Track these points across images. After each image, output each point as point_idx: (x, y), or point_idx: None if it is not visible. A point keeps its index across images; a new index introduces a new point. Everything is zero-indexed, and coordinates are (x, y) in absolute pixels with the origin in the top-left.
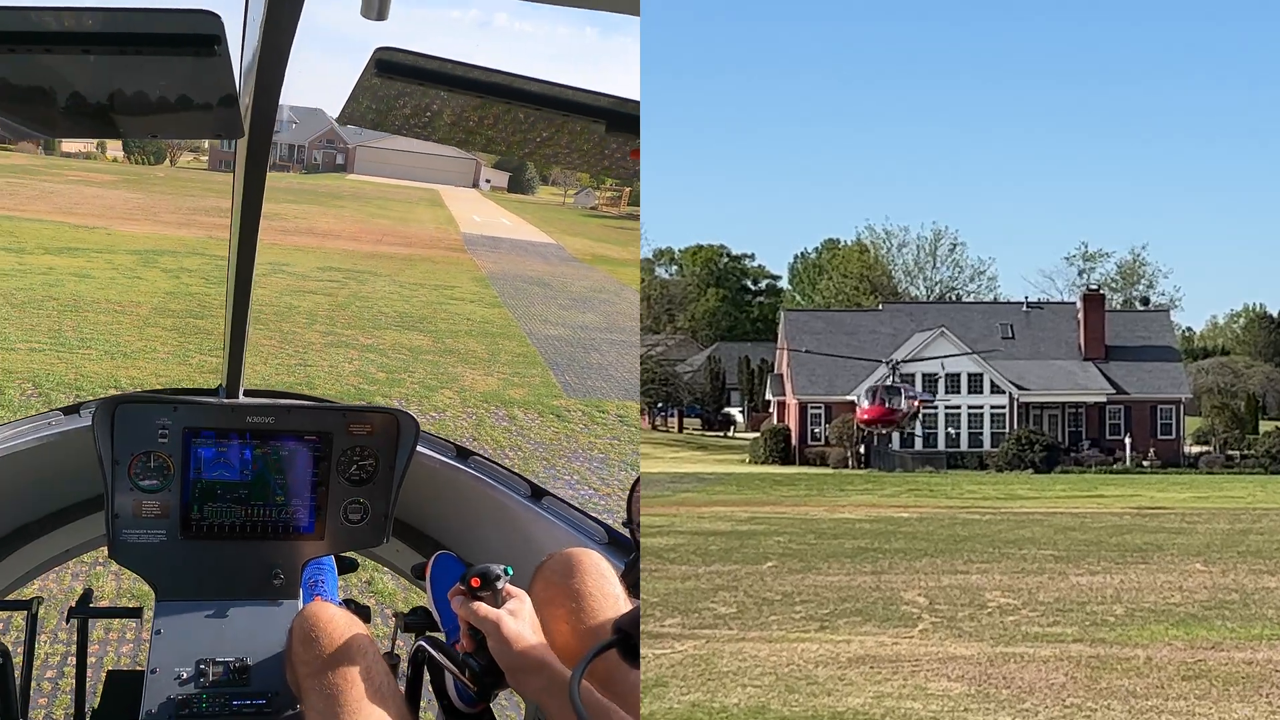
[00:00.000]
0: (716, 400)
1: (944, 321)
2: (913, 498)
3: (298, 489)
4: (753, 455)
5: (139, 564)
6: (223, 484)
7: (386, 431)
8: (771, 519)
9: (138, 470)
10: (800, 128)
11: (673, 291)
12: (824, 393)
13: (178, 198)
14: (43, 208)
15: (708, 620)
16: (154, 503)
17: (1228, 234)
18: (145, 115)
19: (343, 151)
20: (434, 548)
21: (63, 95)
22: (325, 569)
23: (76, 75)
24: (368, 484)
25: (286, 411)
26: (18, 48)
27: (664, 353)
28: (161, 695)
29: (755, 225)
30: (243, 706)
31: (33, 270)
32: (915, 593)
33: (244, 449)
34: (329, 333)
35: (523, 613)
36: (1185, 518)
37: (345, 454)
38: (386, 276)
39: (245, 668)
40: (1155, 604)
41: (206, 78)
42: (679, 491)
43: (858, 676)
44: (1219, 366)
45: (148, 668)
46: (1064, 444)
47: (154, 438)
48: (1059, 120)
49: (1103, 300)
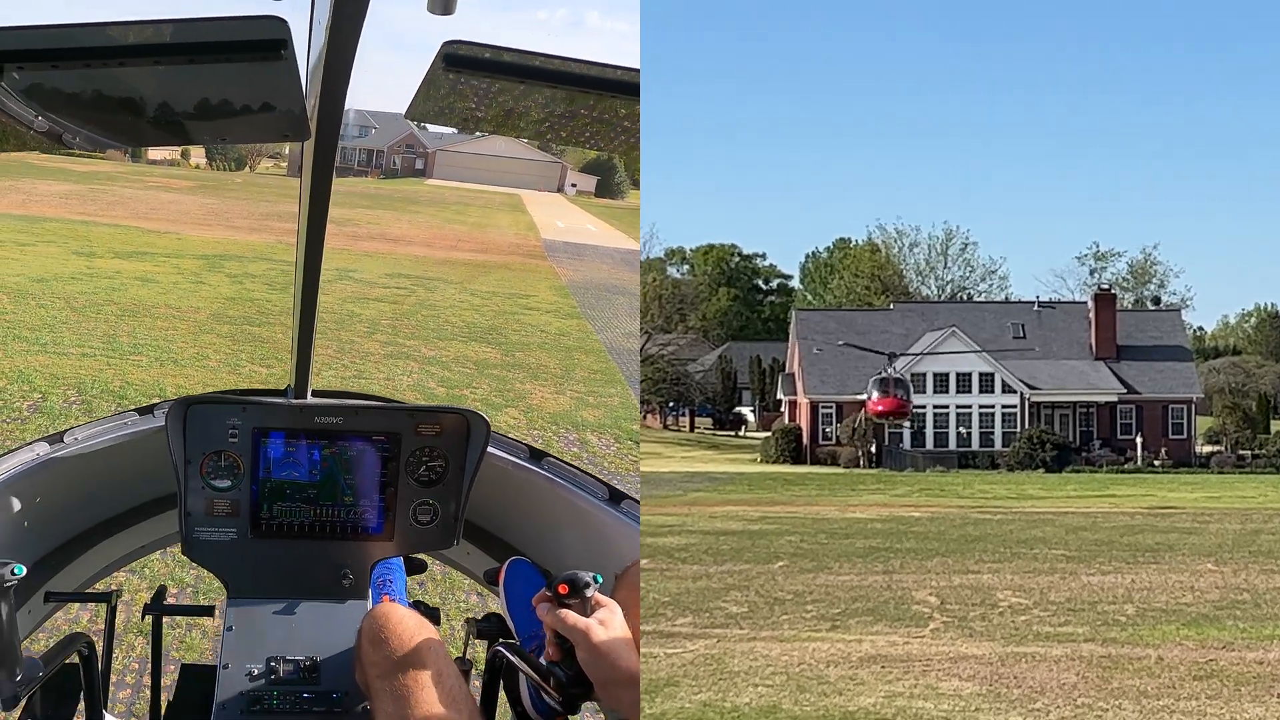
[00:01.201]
0: (728, 400)
1: (955, 321)
2: (924, 497)
3: (366, 489)
4: (764, 454)
5: (211, 561)
6: (291, 484)
7: (456, 432)
8: (783, 518)
9: (209, 469)
10: (812, 129)
11: (684, 291)
12: (835, 392)
13: (252, 203)
14: (120, 213)
15: (719, 620)
16: (225, 501)
17: (1239, 234)
18: (214, 120)
19: (422, 156)
20: (507, 552)
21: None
22: (394, 570)
23: (148, 85)
24: (437, 485)
25: (354, 412)
26: (94, 63)
27: (675, 352)
28: (233, 690)
29: (767, 224)
30: (312, 704)
31: (99, 274)
32: (926, 592)
33: (312, 449)
34: (390, 343)
35: (614, 623)
36: (1197, 517)
37: (414, 455)
38: (457, 284)
39: (315, 666)
40: (1166, 604)
41: (273, 81)
42: (690, 491)
43: (869, 676)
44: (1230, 366)
45: (219, 662)
46: (1075, 444)
47: (224, 437)
48: (1070, 122)
49: (1114, 300)
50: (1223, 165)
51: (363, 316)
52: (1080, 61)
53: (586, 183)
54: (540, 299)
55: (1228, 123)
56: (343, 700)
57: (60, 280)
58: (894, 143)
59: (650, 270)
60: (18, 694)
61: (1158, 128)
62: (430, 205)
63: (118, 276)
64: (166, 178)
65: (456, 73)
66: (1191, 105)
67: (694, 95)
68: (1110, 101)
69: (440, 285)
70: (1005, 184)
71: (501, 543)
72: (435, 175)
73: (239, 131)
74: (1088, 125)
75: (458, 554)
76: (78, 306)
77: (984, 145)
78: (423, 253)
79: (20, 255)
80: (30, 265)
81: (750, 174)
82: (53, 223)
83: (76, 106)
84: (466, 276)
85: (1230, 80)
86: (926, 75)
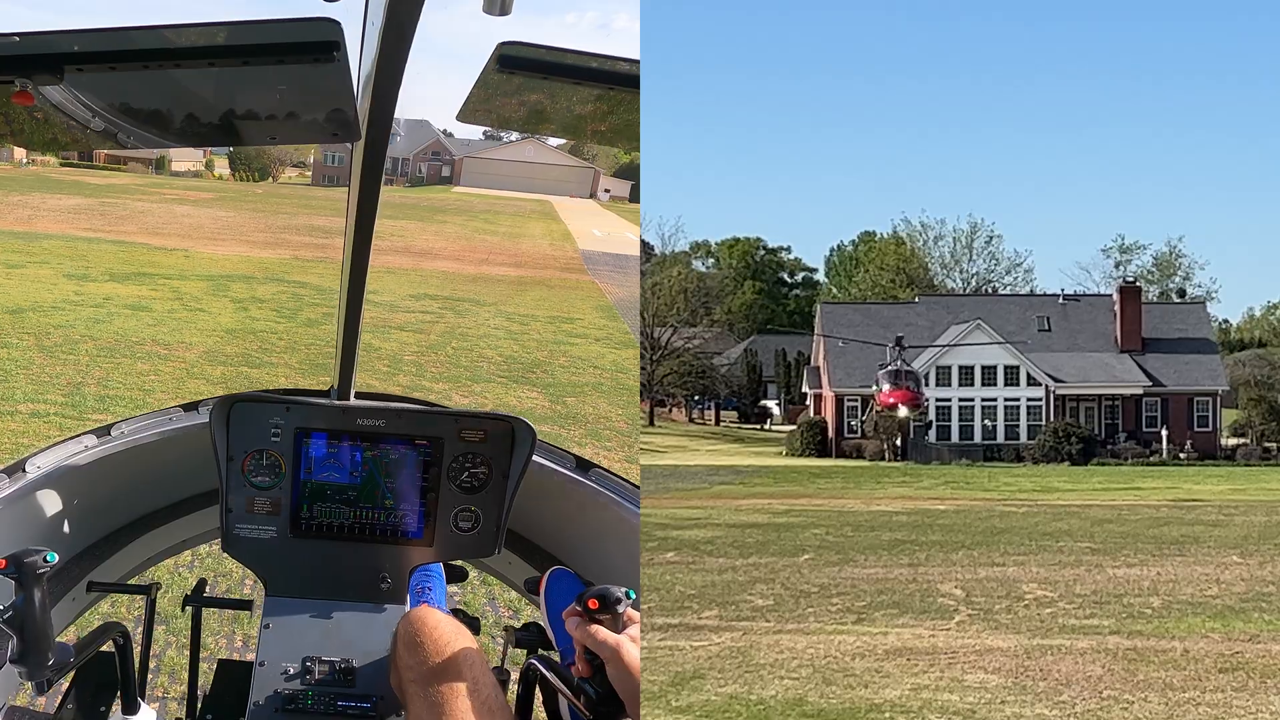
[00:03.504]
0: (753, 393)
1: (980, 314)
2: (949, 490)
3: (406, 494)
4: (789, 448)
5: (250, 558)
6: (332, 485)
7: (501, 438)
8: (808, 511)
9: (251, 467)
10: (838, 122)
11: (709, 284)
12: (860, 385)
13: (271, 215)
14: (129, 229)
15: (745, 613)
16: (265, 500)
17: (1264, 226)
18: (266, 121)
19: (449, 163)
20: (548, 561)
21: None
22: (434, 577)
23: (202, 87)
24: (479, 492)
25: (397, 415)
26: (150, 64)
27: (701, 345)
28: (269, 688)
29: (792, 218)
30: (348, 708)
31: (87, 302)
32: (952, 585)
33: (354, 451)
34: (414, 387)
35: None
36: (1222, 510)
37: (456, 460)
38: (492, 306)
39: (350, 669)
40: (1192, 596)
41: (325, 82)
42: (716, 484)
43: (894, 669)
44: (1256, 359)
45: (256, 659)
46: (1100, 436)
47: (267, 436)
48: (1095, 114)
49: (1139, 292)
50: (1249, 157)
51: (382, 351)
52: (1105, 52)
53: (620, 188)
54: (587, 322)
55: (1254, 115)
56: (378, 705)
57: (39, 311)
58: (919, 136)
59: (675, 264)
60: (50, 679)
61: (1183, 119)
62: (458, 214)
63: (106, 304)
64: (185, 190)
65: (510, 73)
66: (1218, 97)
67: (716, 86)
68: (1136, 92)
69: (472, 308)
70: (1030, 177)
71: (543, 552)
72: (463, 182)
73: (290, 132)
74: (1113, 117)
75: (498, 562)
76: (49, 345)
77: (1009, 138)
78: (452, 268)
79: (5, 279)
80: (12, 293)
81: (775, 167)
82: (53, 240)
83: (132, 107)
84: (501, 296)
85: (1258, 72)
86: (951, 67)
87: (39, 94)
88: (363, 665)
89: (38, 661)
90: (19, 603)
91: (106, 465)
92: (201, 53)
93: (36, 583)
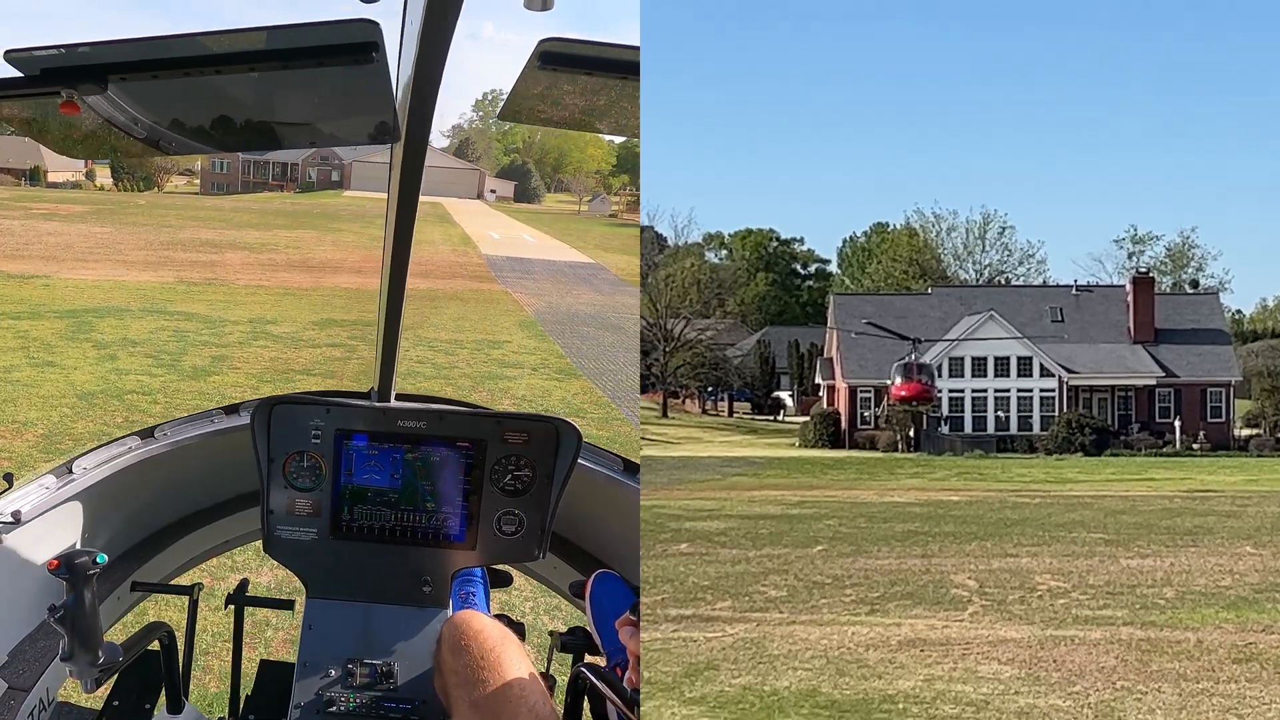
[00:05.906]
0: (766, 384)
1: (993, 305)
2: (962, 481)
3: (448, 496)
4: (802, 439)
5: (291, 560)
6: (372, 487)
7: (545, 441)
8: (821, 502)
9: (292, 469)
10: (851, 115)
11: (722, 276)
12: (874, 376)
13: (154, 230)
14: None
15: (758, 604)
16: (306, 501)
17: (1277, 217)
18: (306, 124)
19: (338, 168)
20: (593, 565)
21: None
22: (477, 581)
23: (243, 92)
24: (523, 495)
25: (439, 417)
26: (191, 71)
27: (714, 337)
28: (311, 690)
29: (804, 209)
30: (390, 711)
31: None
32: (965, 576)
33: (395, 453)
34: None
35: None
36: (1235, 500)
37: (500, 463)
38: (409, 331)
39: (392, 672)
40: (1206, 587)
41: (364, 84)
42: (729, 475)
43: (908, 660)
44: (1269, 349)
45: (298, 660)
46: (1114, 427)
47: (307, 438)
48: (1108, 108)
49: (1152, 283)
50: (1261, 148)
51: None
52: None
53: (505, 188)
54: (515, 345)
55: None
56: (420, 709)
57: None
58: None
59: (688, 255)
60: (99, 678)
61: (1195, 110)
62: (352, 220)
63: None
64: (58, 203)
65: (552, 70)
66: (1229, 88)
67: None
68: (1147, 84)
69: None
70: (1043, 168)
71: (588, 555)
72: (353, 186)
73: (329, 134)
74: (1125, 108)
75: (543, 567)
76: None
77: (1021, 129)
78: (355, 283)
79: None
80: None
81: (788, 159)
82: None
83: (176, 114)
84: (416, 317)
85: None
86: (963, 62)
87: (84, 104)
88: (404, 669)
89: (88, 660)
90: (70, 603)
91: (150, 467)
92: (242, 58)
93: (87, 584)
